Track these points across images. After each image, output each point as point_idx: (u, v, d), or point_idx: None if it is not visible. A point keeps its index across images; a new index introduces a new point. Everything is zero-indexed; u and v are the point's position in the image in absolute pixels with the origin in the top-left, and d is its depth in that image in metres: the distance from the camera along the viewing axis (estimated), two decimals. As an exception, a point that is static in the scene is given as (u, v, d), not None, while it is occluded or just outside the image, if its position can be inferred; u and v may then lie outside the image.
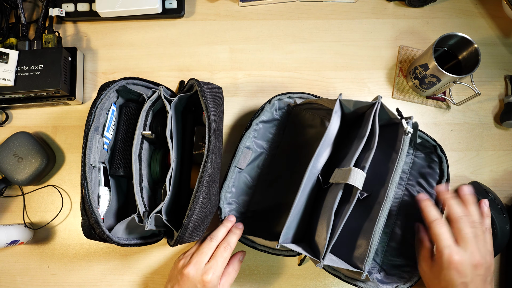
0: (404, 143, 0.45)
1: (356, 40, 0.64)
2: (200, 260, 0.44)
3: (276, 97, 0.55)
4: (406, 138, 0.45)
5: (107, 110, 0.49)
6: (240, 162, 0.53)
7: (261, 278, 0.56)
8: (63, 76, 0.57)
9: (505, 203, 0.58)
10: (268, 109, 0.55)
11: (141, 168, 0.49)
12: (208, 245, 0.46)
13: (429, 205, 0.47)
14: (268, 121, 0.56)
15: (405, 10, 0.66)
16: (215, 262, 0.45)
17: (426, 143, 0.54)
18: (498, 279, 0.56)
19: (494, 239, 0.53)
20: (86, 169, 0.44)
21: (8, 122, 0.61)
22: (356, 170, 0.42)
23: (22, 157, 0.55)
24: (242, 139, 0.54)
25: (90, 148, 0.45)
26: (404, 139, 0.45)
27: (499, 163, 0.60)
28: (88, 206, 0.43)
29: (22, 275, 0.56)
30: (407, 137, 0.45)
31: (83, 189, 0.43)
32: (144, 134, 0.49)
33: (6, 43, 0.59)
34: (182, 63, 0.63)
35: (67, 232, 0.57)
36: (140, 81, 0.52)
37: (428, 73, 0.55)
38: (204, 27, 0.65)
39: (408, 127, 0.45)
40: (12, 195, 0.58)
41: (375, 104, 0.46)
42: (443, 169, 0.53)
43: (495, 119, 0.61)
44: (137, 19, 0.64)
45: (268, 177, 0.56)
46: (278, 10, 0.66)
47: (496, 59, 0.63)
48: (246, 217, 0.55)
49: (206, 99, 0.46)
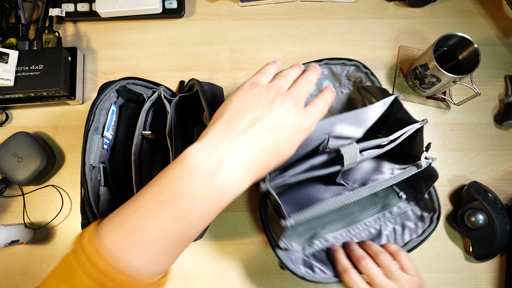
0: (407, 171, 0.45)
1: (356, 40, 0.64)
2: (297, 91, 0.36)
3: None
4: (413, 169, 0.45)
5: (107, 110, 0.49)
6: None
7: (261, 278, 0.56)
8: (63, 76, 0.57)
9: (505, 203, 0.58)
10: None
11: (141, 168, 0.49)
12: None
13: (338, 253, 0.46)
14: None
15: (405, 10, 0.66)
16: (316, 107, 0.37)
17: (430, 204, 0.52)
18: (499, 279, 0.56)
19: (494, 239, 0.53)
20: (86, 169, 0.44)
21: (8, 122, 0.61)
22: (354, 145, 0.42)
23: (22, 157, 0.55)
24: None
25: (90, 148, 0.45)
26: (410, 169, 0.45)
27: (499, 163, 0.60)
28: (88, 206, 0.43)
29: (22, 275, 0.56)
30: (414, 169, 0.45)
31: (83, 189, 0.43)
32: (144, 134, 0.49)
33: (6, 43, 0.59)
34: (182, 63, 0.63)
35: (67, 232, 0.57)
36: (140, 81, 0.52)
37: (428, 73, 0.55)
38: (204, 27, 0.65)
39: (423, 162, 0.44)
40: (12, 195, 0.58)
41: (419, 124, 0.46)
42: (425, 233, 0.51)
43: (495, 119, 0.61)
44: (137, 19, 0.64)
45: None
46: (278, 10, 0.66)
47: (496, 59, 0.63)
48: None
49: (207, 100, 0.46)
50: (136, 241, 0.28)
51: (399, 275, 0.41)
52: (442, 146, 0.60)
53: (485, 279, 0.56)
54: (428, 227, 0.51)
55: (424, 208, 0.53)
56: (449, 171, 0.59)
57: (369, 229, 0.53)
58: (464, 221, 0.54)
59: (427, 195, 0.52)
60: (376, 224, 0.54)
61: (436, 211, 0.51)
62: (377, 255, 0.43)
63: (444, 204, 0.58)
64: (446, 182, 0.59)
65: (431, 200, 0.52)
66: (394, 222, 0.53)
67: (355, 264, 0.44)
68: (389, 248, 0.45)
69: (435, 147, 0.60)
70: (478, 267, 0.56)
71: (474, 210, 0.54)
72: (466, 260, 0.57)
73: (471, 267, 0.56)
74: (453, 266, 0.56)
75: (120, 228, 0.28)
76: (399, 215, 0.53)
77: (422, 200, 0.53)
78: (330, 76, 0.57)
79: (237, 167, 0.30)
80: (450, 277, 0.56)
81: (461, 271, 0.56)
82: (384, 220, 0.54)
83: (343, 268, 0.44)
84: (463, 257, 0.57)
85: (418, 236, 0.51)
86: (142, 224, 0.28)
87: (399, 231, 0.52)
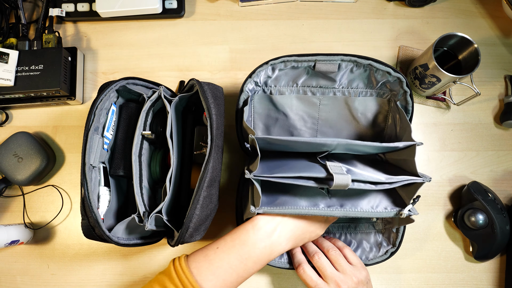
0: (386, 212, 0.44)
1: (356, 40, 0.64)
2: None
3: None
4: (392, 213, 0.44)
5: (107, 110, 0.49)
6: None
7: (261, 278, 0.56)
8: (63, 76, 0.57)
9: (505, 203, 0.58)
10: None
11: (141, 168, 0.49)
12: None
13: (297, 251, 0.51)
14: None
15: (405, 10, 0.66)
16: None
17: (393, 238, 0.52)
18: (499, 279, 0.56)
19: (494, 239, 0.53)
20: (86, 169, 0.44)
21: (8, 122, 0.61)
22: (348, 177, 0.41)
23: (22, 157, 0.55)
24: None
25: (90, 148, 0.45)
26: (391, 211, 0.44)
27: (499, 163, 0.60)
28: (88, 206, 0.43)
29: (22, 275, 0.56)
30: (394, 213, 0.44)
31: (83, 189, 0.43)
32: (144, 134, 0.49)
33: (6, 43, 0.59)
34: (182, 63, 0.63)
35: (67, 232, 0.57)
36: (140, 81, 0.52)
37: (428, 73, 0.55)
38: (204, 27, 0.65)
39: (404, 214, 0.43)
40: (12, 195, 0.58)
41: (419, 180, 0.44)
42: (373, 260, 0.53)
43: (495, 119, 0.61)
44: (137, 19, 0.64)
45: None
46: (278, 10, 0.66)
47: (496, 59, 0.63)
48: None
49: (207, 100, 0.46)
50: (213, 269, 0.40)
51: (346, 267, 0.47)
52: (442, 146, 0.60)
53: (485, 279, 0.56)
54: (379, 256, 0.52)
55: (386, 238, 0.53)
56: (449, 171, 0.59)
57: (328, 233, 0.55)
58: (464, 221, 0.54)
59: (395, 229, 0.52)
60: (336, 231, 0.55)
61: (395, 246, 0.52)
62: (328, 251, 0.49)
63: (444, 204, 0.59)
64: (446, 182, 0.59)
65: (396, 235, 0.52)
66: (353, 237, 0.54)
67: (309, 258, 0.50)
68: (337, 244, 0.52)
69: (435, 147, 0.60)
70: (478, 267, 0.56)
71: (474, 210, 0.54)
72: (466, 260, 0.57)
73: (471, 267, 0.56)
74: (453, 266, 0.56)
75: (203, 258, 0.41)
76: (361, 233, 0.55)
77: (388, 230, 0.53)
78: (367, 78, 0.52)
79: (284, 233, 0.44)
80: (450, 277, 0.56)
81: (461, 271, 0.56)
82: (345, 231, 0.55)
83: (298, 262, 0.49)
84: (463, 257, 0.57)
85: (366, 259, 0.52)
86: (219, 258, 0.41)
87: (353, 247, 0.54)
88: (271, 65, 0.51)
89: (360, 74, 0.52)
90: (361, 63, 0.50)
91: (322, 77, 0.53)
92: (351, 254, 0.50)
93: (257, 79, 0.52)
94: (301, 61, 0.50)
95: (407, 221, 0.46)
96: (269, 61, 0.50)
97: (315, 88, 0.54)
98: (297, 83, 0.54)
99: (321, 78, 0.53)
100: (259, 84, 0.53)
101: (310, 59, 0.49)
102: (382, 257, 0.52)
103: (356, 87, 0.53)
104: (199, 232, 0.45)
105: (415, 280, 0.56)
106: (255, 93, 0.55)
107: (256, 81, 0.53)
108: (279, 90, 0.54)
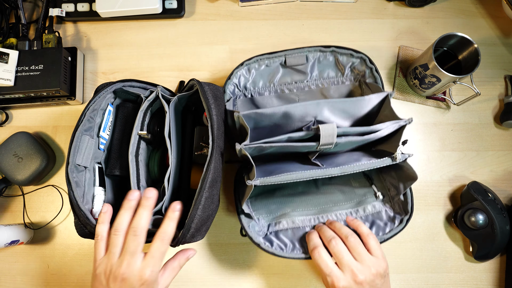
0: (381, 161, 0.46)
1: (356, 40, 0.64)
2: (133, 260, 0.39)
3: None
4: (387, 161, 0.46)
5: (103, 111, 0.49)
6: None
7: (261, 278, 0.56)
8: (63, 76, 0.57)
9: (505, 203, 0.58)
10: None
11: (138, 167, 0.49)
12: (134, 241, 0.40)
13: (312, 233, 0.48)
14: None
15: (405, 10, 0.66)
16: (151, 258, 0.40)
17: (404, 206, 0.52)
18: (499, 279, 0.56)
19: (494, 239, 0.53)
20: (69, 169, 0.44)
21: (8, 122, 0.61)
22: (333, 125, 0.43)
23: (22, 157, 0.55)
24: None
25: (77, 148, 0.45)
26: (385, 159, 0.46)
27: (499, 163, 0.60)
28: (75, 204, 0.43)
29: (22, 275, 0.56)
30: (389, 160, 0.46)
31: (67, 188, 0.43)
32: (140, 134, 0.49)
33: (6, 43, 0.59)
34: (182, 63, 0.63)
35: (67, 232, 0.57)
36: (137, 83, 0.52)
37: (428, 73, 0.55)
38: (204, 27, 0.65)
39: (399, 154, 0.45)
40: (12, 195, 0.58)
41: (404, 122, 0.46)
42: (391, 233, 0.51)
43: (495, 119, 0.61)
44: (137, 19, 0.64)
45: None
46: (278, 10, 0.66)
47: (496, 59, 0.63)
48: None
49: (207, 100, 0.46)
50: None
51: (365, 257, 0.43)
52: (442, 146, 0.60)
53: (485, 279, 0.56)
54: (396, 227, 0.51)
55: (397, 211, 0.52)
56: (449, 171, 0.59)
57: (339, 220, 0.54)
58: (464, 221, 0.54)
59: (402, 197, 0.51)
60: (345, 212, 0.54)
61: (408, 213, 0.50)
62: (347, 237, 0.45)
63: (444, 204, 0.59)
64: (446, 182, 0.59)
65: (405, 201, 0.51)
66: (365, 219, 0.53)
67: (325, 244, 0.46)
68: (361, 229, 0.47)
69: (435, 147, 0.60)
70: (478, 267, 0.56)
71: (474, 210, 0.54)
72: (466, 260, 0.57)
73: (471, 267, 0.56)
74: (453, 266, 0.56)
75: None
76: (371, 214, 0.53)
77: (397, 202, 0.53)
78: (334, 65, 0.57)
79: None
80: (450, 277, 0.56)
81: (461, 271, 0.56)
82: (356, 216, 0.53)
83: (314, 245, 0.45)
84: (463, 257, 0.57)
85: (384, 234, 0.50)
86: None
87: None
88: (247, 65, 0.55)
89: (327, 63, 0.57)
90: (325, 51, 0.55)
91: (295, 72, 0.57)
92: (374, 243, 0.45)
93: (236, 80, 0.56)
94: (273, 57, 0.55)
95: (410, 178, 0.47)
96: (244, 62, 0.55)
97: (291, 85, 0.58)
98: (274, 82, 0.57)
99: (294, 73, 0.57)
100: (239, 87, 0.56)
101: (280, 55, 0.55)
102: (399, 227, 0.50)
103: (327, 77, 0.58)
104: (201, 233, 0.45)
105: (415, 280, 0.56)
106: (237, 97, 0.57)
107: (236, 83, 0.56)
108: (258, 92, 0.57)
